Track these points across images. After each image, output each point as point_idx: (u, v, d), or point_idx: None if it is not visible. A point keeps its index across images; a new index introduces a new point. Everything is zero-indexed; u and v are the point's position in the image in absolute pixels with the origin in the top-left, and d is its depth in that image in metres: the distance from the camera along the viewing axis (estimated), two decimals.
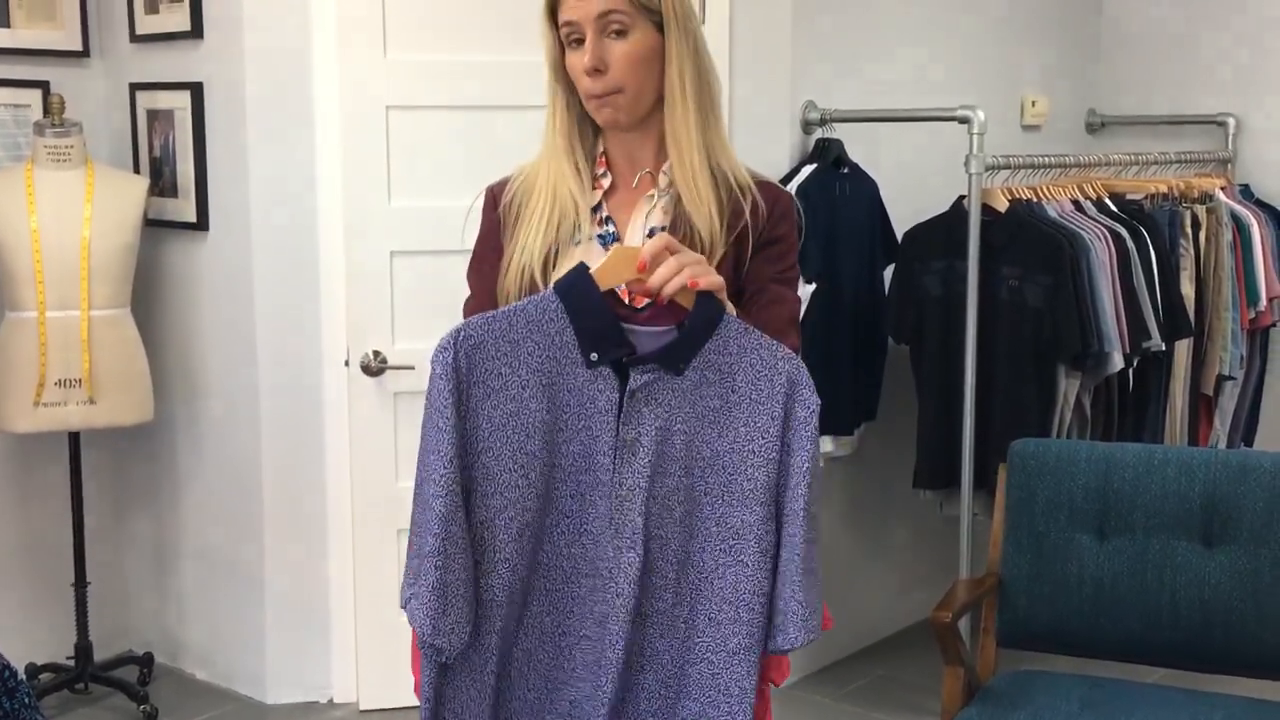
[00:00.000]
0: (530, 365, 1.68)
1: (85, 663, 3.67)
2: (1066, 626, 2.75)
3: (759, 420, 1.72)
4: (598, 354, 1.70)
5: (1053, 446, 2.83)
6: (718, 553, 1.73)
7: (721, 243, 1.89)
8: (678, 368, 1.71)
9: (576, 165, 1.94)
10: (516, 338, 1.68)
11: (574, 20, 1.86)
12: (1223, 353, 4.13)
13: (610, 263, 1.71)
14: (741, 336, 1.73)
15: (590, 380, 1.70)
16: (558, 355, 1.69)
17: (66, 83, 3.70)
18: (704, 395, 1.72)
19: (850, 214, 3.65)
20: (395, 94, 3.43)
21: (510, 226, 1.95)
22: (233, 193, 3.58)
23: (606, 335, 1.70)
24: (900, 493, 3.92)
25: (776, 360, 1.73)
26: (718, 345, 1.72)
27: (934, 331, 3.66)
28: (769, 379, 1.72)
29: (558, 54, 1.92)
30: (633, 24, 1.86)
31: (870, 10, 3.93)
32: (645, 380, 1.70)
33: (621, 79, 1.87)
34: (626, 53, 1.86)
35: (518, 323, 1.68)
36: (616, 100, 1.88)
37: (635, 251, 1.70)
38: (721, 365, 1.72)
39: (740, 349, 1.73)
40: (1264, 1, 4.50)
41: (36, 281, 3.39)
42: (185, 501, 3.85)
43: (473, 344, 1.66)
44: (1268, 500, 2.62)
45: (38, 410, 3.42)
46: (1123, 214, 3.82)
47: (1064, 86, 4.68)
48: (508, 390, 1.68)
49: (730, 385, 1.73)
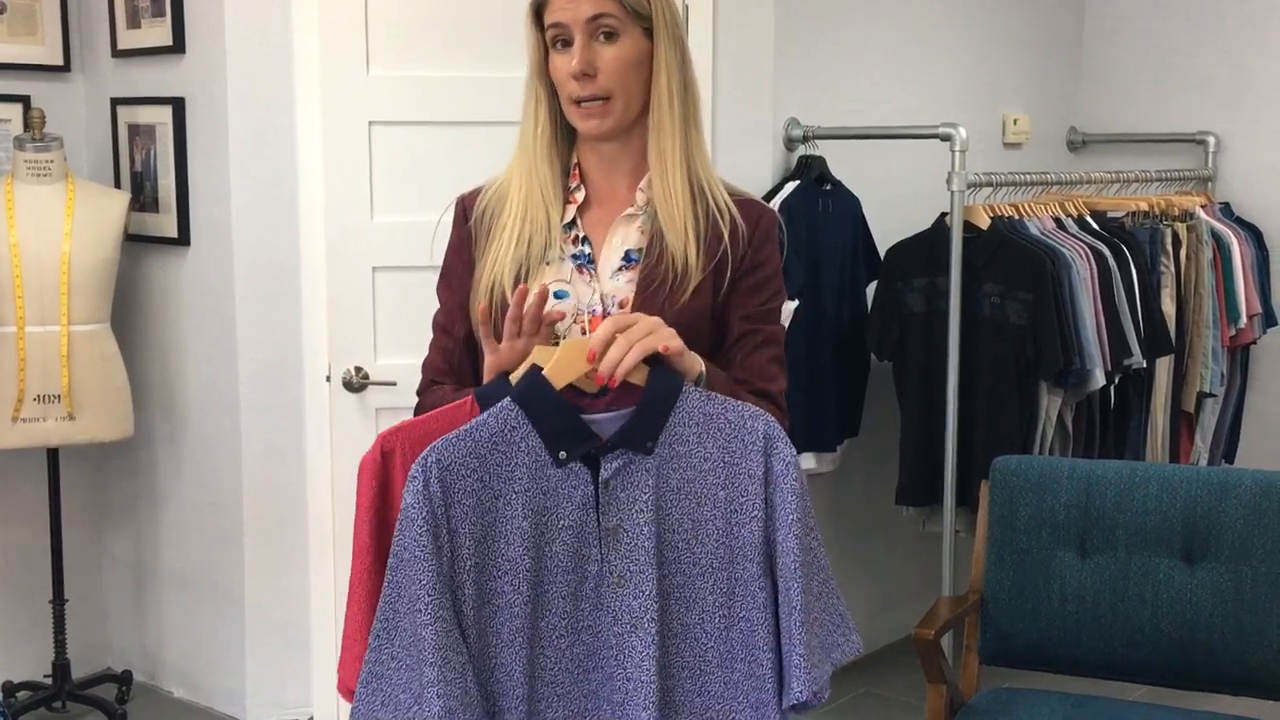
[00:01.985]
0: (501, 475, 1.68)
1: (63, 681, 3.64)
2: (1049, 644, 2.75)
3: (738, 480, 1.72)
4: (566, 452, 1.69)
5: (1035, 463, 2.83)
6: (718, 618, 1.73)
7: (698, 270, 1.84)
8: (645, 446, 1.70)
9: (551, 177, 1.89)
10: (483, 452, 1.67)
11: (562, 22, 1.82)
12: (1203, 370, 4.14)
13: (561, 360, 1.68)
14: (705, 404, 1.72)
15: (563, 479, 1.69)
16: (526, 461, 1.69)
17: (47, 97, 3.69)
18: (678, 468, 1.72)
19: (833, 231, 3.65)
20: (377, 109, 3.42)
21: (481, 239, 1.91)
22: (214, 208, 3.56)
23: (570, 432, 1.69)
24: (883, 509, 3.92)
25: (745, 420, 1.72)
26: (682, 417, 1.72)
27: (916, 348, 3.66)
28: (741, 439, 1.72)
29: (541, 56, 1.87)
30: (623, 29, 1.82)
31: (853, 28, 3.95)
32: (616, 466, 1.69)
33: (610, 84, 1.82)
34: (617, 57, 1.82)
35: (481, 437, 1.67)
36: (604, 108, 1.83)
37: (583, 344, 1.68)
38: (689, 436, 1.72)
39: (706, 416, 1.72)
40: (1244, 20, 4.53)
41: (16, 296, 3.37)
42: (165, 518, 3.82)
43: (443, 466, 1.65)
44: (1248, 517, 2.62)
45: (16, 426, 3.40)
46: (1104, 231, 3.84)
47: (1045, 104, 4.70)
48: (483, 504, 1.67)
49: (703, 454, 1.72)
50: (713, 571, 1.73)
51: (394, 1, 3.39)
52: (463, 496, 1.66)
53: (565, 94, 1.85)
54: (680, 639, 1.74)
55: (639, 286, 1.86)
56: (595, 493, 1.70)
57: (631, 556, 1.71)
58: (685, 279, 1.84)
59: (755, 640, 1.72)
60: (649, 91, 1.86)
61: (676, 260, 1.84)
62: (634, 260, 1.89)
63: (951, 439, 3.51)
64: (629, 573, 1.71)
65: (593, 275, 1.89)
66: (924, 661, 2.62)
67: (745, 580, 1.73)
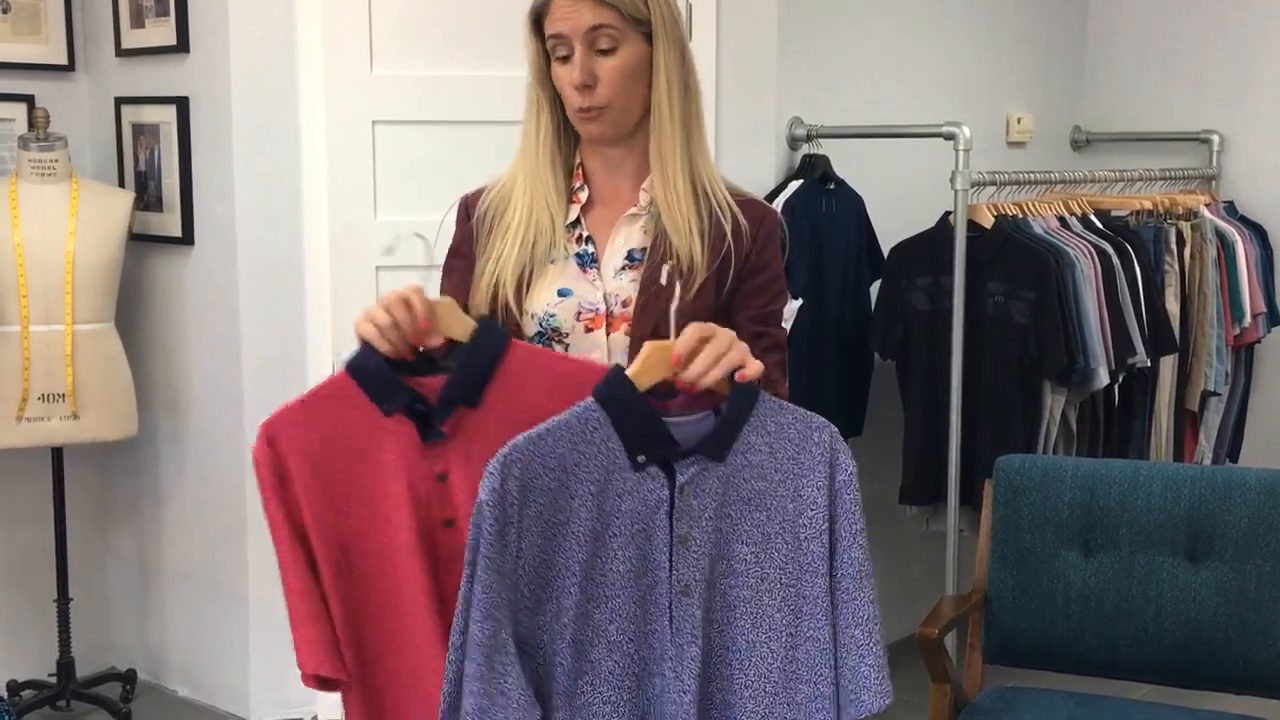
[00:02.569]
0: (578, 476, 1.67)
1: (67, 680, 3.65)
2: (1052, 642, 2.74)
3: (805, 492, 1.71)
4: (645, 455, 1.68)
5: (1038, 463, 2.83)
6: (784, 635, 1.71)
7: (703, 269, 1.85)
8: (721, 455, 1.69)
9: (555, 178, 1.90)
10: (561, 451, 1.66)
11: (562, 33, 1.82)
12: (1207, 369, 4.14)
13: (645, 362, 1.68)
14: (777, 414, 1.72)
15: (639, 482, 1.68)
16: (604, 463, 1.67)
17: (52, 97, 3.69)
18: (748, 478, 1.71)
19: (836, 229, 3.65)
20: (381, 109, 3.43)
21: (484, 237, 1.92)
22: (218, 207, 3.57)
23: (652, 436, 1.67)
24: (886, 508, 3.92)
25: (813, 430, 1.71)
26: (755, 425, 1.71)
27: (920, 347, 3.66)
28: (809, 450, 1.71)
29: (542, 63, 1.88)
30: (623, 37, 1.83)
31: (856, 27, 3.94)
32: (692, 473, 1.68)
33: (610, 95, 1.83)
34: (616, 68, 1.83)
35: (561, 437, 1.66)
36: (605, 116, 1.85)
37: (669, 348, 1.67)
38: (761, 445, 1.71)
39: (777, 425, 1.71)
40: (1248, 18, 4.53)
41: (20, 295, 3.37)
42: (169, 516, 3.83)
43: (520, 466, 1.64)
44: (1252, 516, 2.62)
45: (20, 425, 3.40)
46: (1108, 230, 3.83)
47: (1049, 103, 4.70)
48: (557, 505, 1.66)
49: (774, 464, 1.71)
50: (781, 587, 1.72)
51: (397, 1, 3.39)
52: (538, 495, 1.65)
53: (568, 103, 1.86)
54: (744, 656, 1.71)
55: (642, 285, 1.87)
56: (670, 498, 1.68)
57: (698, 565, 1.69)
58: (690, 278, 1.85)
59: (822, 660, 1.71)
60: (649, 95, 1.87)
61: (682, 257, 1.85)
62: (637, 260, 1.89)
63: (955, 438, 3.51)
64: (694, 582, 1.69)
65: (596, 274, 1.89)
66: (927, 660, 2.62)
67: (813, 598, 1.71)
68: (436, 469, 1.79)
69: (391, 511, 1.79)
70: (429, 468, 1.79)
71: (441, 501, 1.79)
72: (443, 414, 1.78)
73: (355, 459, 1.80)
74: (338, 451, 1.80)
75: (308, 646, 1.86)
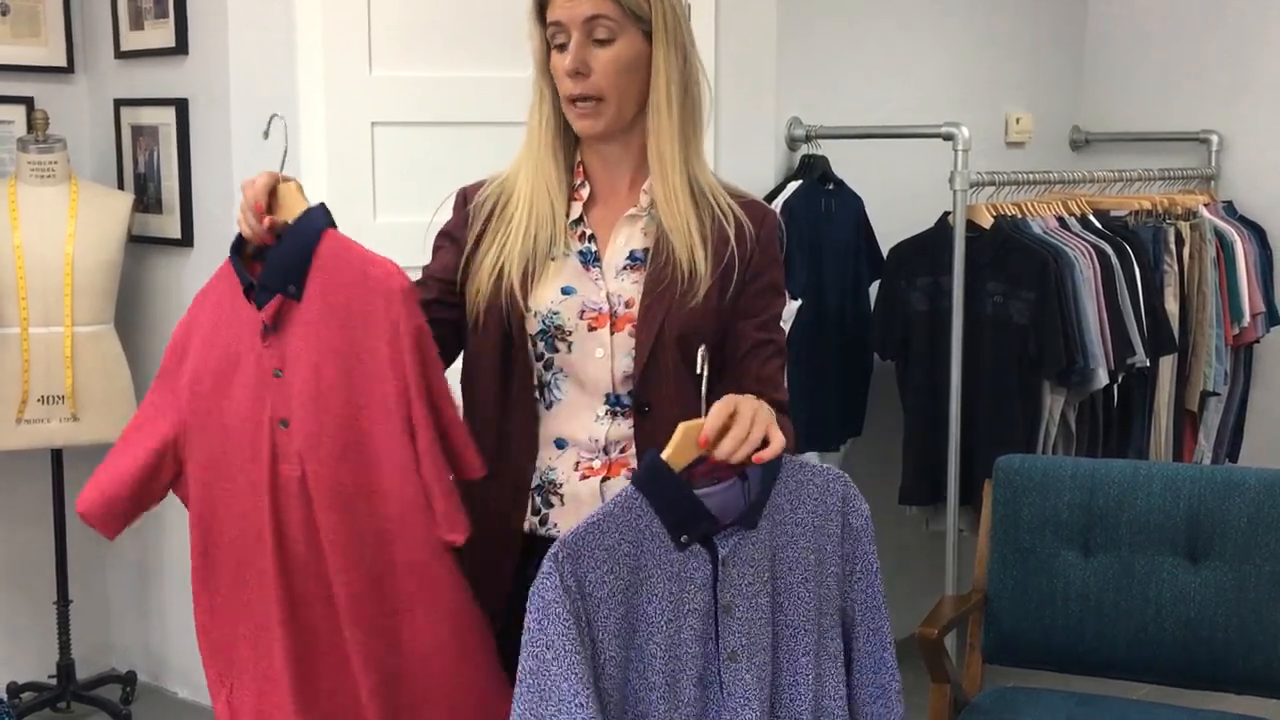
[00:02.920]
0: (629, 564, 1.69)
1: (67, 681, 3.65)
2: (1052, 642, 2.75)
3: (823, 543, 1.79)
4: (688, 535, 1.71)
5: (1038, 463, 2.83)
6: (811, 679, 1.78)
7: (707, 275, 1.86)
8: (754, 522, 1.74)
9: (557, 171, 1.90)
10: (610, 542, 1.68)
11: (561, 21, 1.83)
12: (1207, 369, 4.14)
13: (677, 446, 1.70)
14: (797, 473, 1.78)
15: (684, 560, 1.71)
16: (649, 546, 1.70)
17: (51, 98, 3.69)
18: (775, 538, 1.77)
19: (836, 230, 3.65)
20: (380, 110, 3.43)
21: (477, 224, 1.92)
22: (217, 209, 3.56)
23: (694, 517, 1.71)
24: (886, 508, 3.91)
25: (828, 484, 1.79)
26: (778, 489, 1.77)
27: (919, 347, 3.66)
28: (824, 502, 1.79)
29: (544, 54, 1.88)
30: (620, 31, 1.83)
31: (855, 27, 3.95)
32: (732, 545, 1.73)
33: (603, 85, 1.83)
34: (611, 59, 1.83)
35: (609, 527, 1.68)
36: (597, 108, 1.84)
37: (698, 427, 1.70)
38: (784, 505, 1.78)
39: (797, 484, 1.78)
40: (1246, 18, 4.53)
41: (19, 297, 3.37)
42: (169, 518, 3.82)
43: (573, 559, 1.65)
44: (1252, 516, 2.62)
45: (20, 427, 3.41)
46: (1107, 230, 3.83)
47: (1048, 103, 4.70)
48: (614, 595, 1.68)
49: (795, 520, 1.78)
50: (805, 634, 1.79)
51: (396, 2, 3.39)
52: (597, 588, 1.67)
53: (562, 92, 1.86)
54: (785, 707, 1.78)
55: (646, 287, 1.88)
56: (714, 571, 1.72)
57: (744, 631, 1.73)
58: (694, 282, 1.85)
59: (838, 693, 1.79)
60: (647, 94, 1.87)
61: (684, 263, 1.86)
62: (639, 260, 1.90)
63: (955, 438, 3.51)
64: (741, 648, 1.73)
65: (599, 273, 1.90)
66: (927, 660, 2.62)
67: (828, 637, 1.79)
68: (273, 364, 1.80)
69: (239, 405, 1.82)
70: (267, 362, 1.81)
71: (276, 399, 1.80)
72: (260, 301, 1.80)
73: (223, 347, 1.85)
74: (215, 335, 1.86)
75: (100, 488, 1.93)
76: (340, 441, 1.78)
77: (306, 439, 1.79)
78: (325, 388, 1.78)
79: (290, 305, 1.80)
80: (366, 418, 1.78)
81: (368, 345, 1.77)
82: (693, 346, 1.82)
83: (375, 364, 1.77)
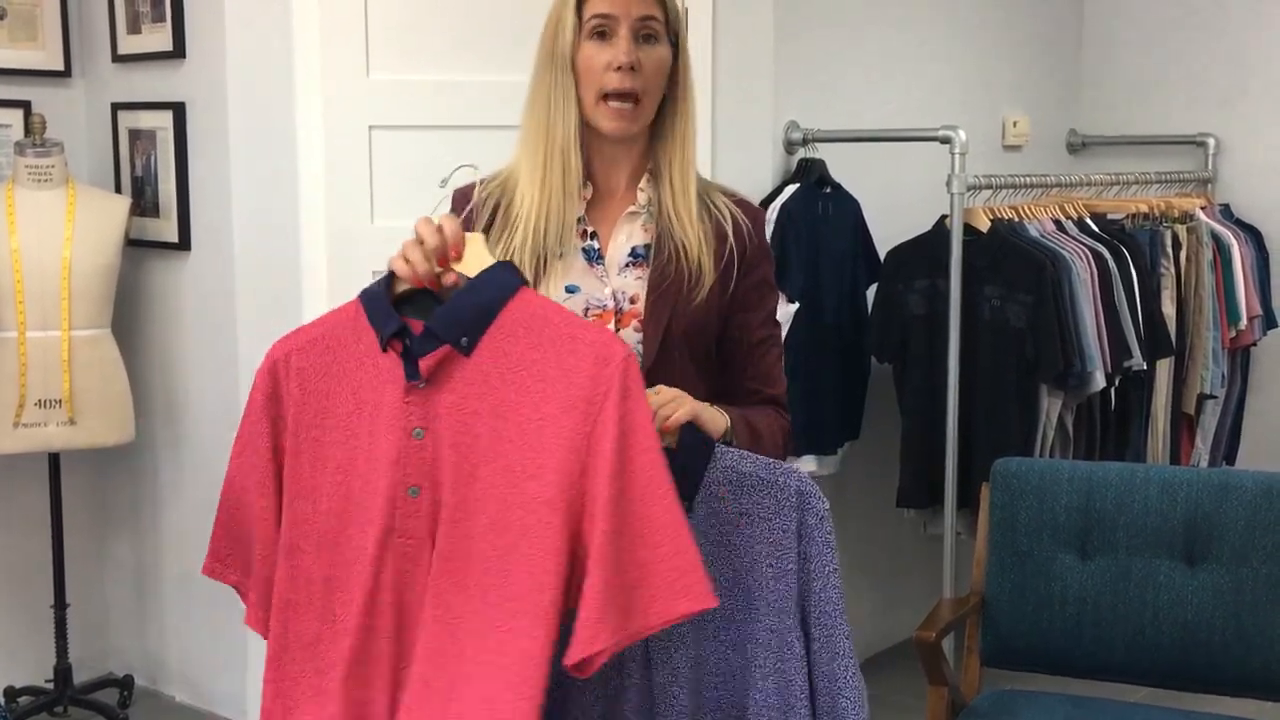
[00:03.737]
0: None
1: (65, 685, 3.64)
2: (1050, 645, 2.75)
3: (773, 535, 1.76)
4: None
5: (1035, 466, 2.83)
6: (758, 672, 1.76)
7: (711, 270, 1.89)
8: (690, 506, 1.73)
9: (576, 169, 1.89)
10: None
11: (611, 14, 1.83)
12: (1204, 372, 4.14)
13: None
14: (739, 462, 1.76)
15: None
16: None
17: (48, 102, 3.69)
18: (716, 524, 1.76)
19: (833, 233, 3.65)
20: (378, 114, 3.43)
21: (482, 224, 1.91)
22: (215, 212, 3.57)
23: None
24: (884, 512, 3.92)
25: (778, 477, 1.76)
26: (718, 476, 1.76)
27: (917, 351, 3.66)
28: (775, 496, 1.75)
29: (573, 48, 1.86)
30: (661, 35, 1.86)
31: (853, 30, 3.95)
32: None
33: (648, 84, 1.85)
34: (656, 60, 1.85)
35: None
36: (635, 110, 1.86)
37: None
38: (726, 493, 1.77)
39: (740, 474, 1.76)
40: (1244, 22, 4.54)
41: (17, 301, 3.37)
42: (166, 522, 3.83)
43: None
44: (1249, 519, 2.62)
45: (17, 431, 3.40)
46: (1104, 234, 3.84)
47: (1045, 107, 4.71)
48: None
49: (739, 508, 1.76)
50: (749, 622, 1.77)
51: (394, 5, 3.39)
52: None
53: (596, 86, 1.85)
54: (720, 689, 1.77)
55: (650, 284, 1.90)
56: None
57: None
58: (700, 278, 1.88)
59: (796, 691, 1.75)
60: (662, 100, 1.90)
61: (690, 259, 1.88)
62: (640, 257, 1.92)
63: (952, 441, 3.51)
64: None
65: (603, 270, 1.91)
66: (925, 663, 2.63)
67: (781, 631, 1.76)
68: (414, 423, 1.62)
69: (366, 464, 1.64)
70: (407, 419, 1.62)
71: (408, 461, 1.62)
72: (421, 349, 1.60)
73: (351, 399, 1.65)
74: (335, 392, 1.66)
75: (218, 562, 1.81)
76: (486, 515, 1.59)
77: (446, 509, 1.60)
78: (482, 454, 1.59)
79: (452, 360, 1.61)
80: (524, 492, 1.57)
81: (547, 413, 1.57)
82: (698, 342, 1.86)
83: (553, 434, 1.57)
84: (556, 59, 1.87)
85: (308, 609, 1.67)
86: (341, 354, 1.67)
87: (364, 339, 1.66)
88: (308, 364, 1.69)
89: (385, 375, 1.64)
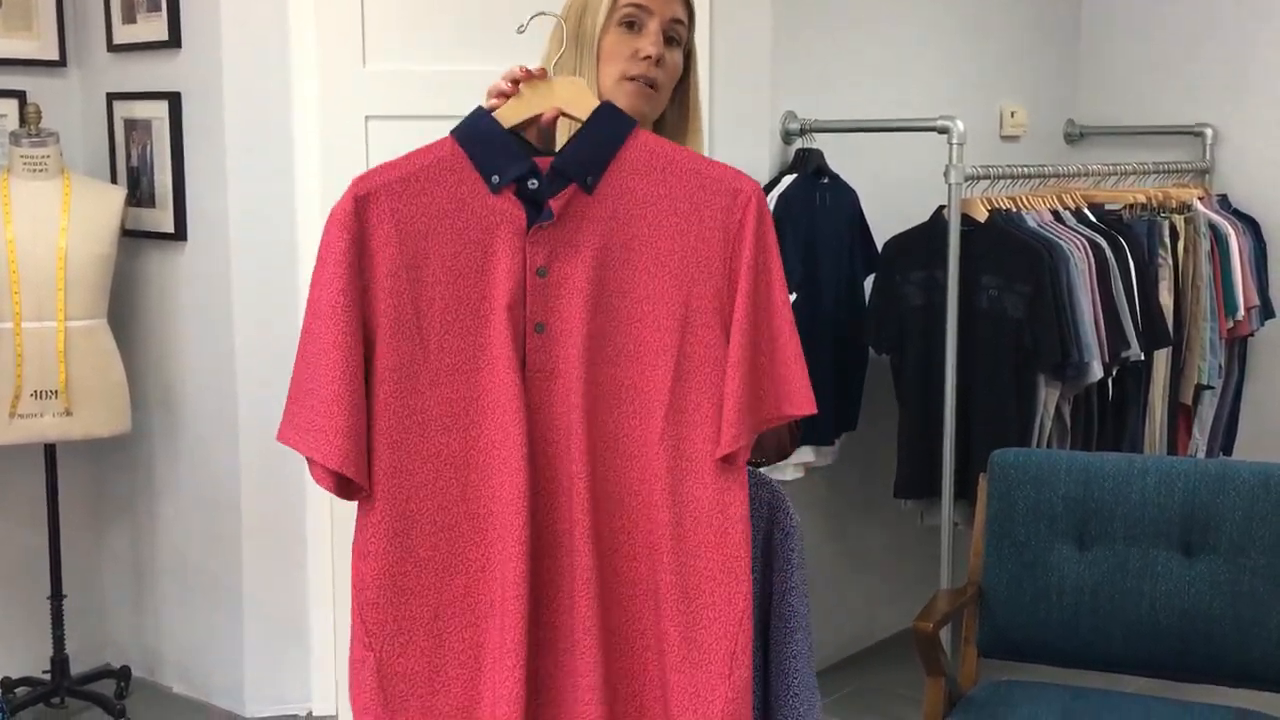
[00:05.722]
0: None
1: (61, 676, 3.64)
2: (1047, 636, 2.75)
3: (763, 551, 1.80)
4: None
5: (1033, 456, 2.83)
6: None
7: None
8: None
9: None
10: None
11: (647, 6, 1.88)
12: (1201, 362, 4.14)
13: None
14: None
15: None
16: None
17: (43, 92, 3.68)
18: None
19: (830, 224, 3.65)
20: (374, 104, 3.42)
21: None
22: (211, 203, 3.56)
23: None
24: (881, 503, 3.92)
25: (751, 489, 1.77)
26: None
27: (914, 341, 3.66)
28: None
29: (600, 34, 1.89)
30: (680, 44, 1.93)
31: (850, 21, 3.94)
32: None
33: (665, 81, 1.91)
34: (675, 61, 1.92)
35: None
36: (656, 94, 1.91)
37: None
38: None
39: None
40: (1241, 12, 4.53)
41: (12, 292, 3.36)
42: (163, 513, 3.82)
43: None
44: (1247, 509, 2.62)
45: (13, 422, 3.40)
46: (1101, 224, 3.83)
47: (1043, 97, 4.70)
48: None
49: None
50: None
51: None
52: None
53: (619, 70, 1.88)
54: None
55: None
56: None
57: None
58: None
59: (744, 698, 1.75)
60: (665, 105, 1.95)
61: None
62: None
63: (950, 432, 3.51)
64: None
65: None
66: (922, 654, 2.63)
67: None
68: (538, 261, 1.61)
69: (486, 308, 1.61)
70: (530, 259, 1.61)
71: (537, 300, 1.62)
72: (552, 189, 1.60)
73: (454, 241, 1.61)
74: (435, 232, 1.61)
75: (336, 436, 1.63)
76: (615, 346, 1.64)
77: (578, 341, 1.62)
78: (617, 287, 1.63)
79: (576, 198, 1.62)
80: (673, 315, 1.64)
81: (684, 245, 1.63)
82: None
83: (694, 264, 1.63)
84: (583, 40, 1.90)
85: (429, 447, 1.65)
86: (439, 194, 1.64)
87: (465, 180, 1.63)
88: (402, 206, 1.64)
89: (498, 216, 1.63)
